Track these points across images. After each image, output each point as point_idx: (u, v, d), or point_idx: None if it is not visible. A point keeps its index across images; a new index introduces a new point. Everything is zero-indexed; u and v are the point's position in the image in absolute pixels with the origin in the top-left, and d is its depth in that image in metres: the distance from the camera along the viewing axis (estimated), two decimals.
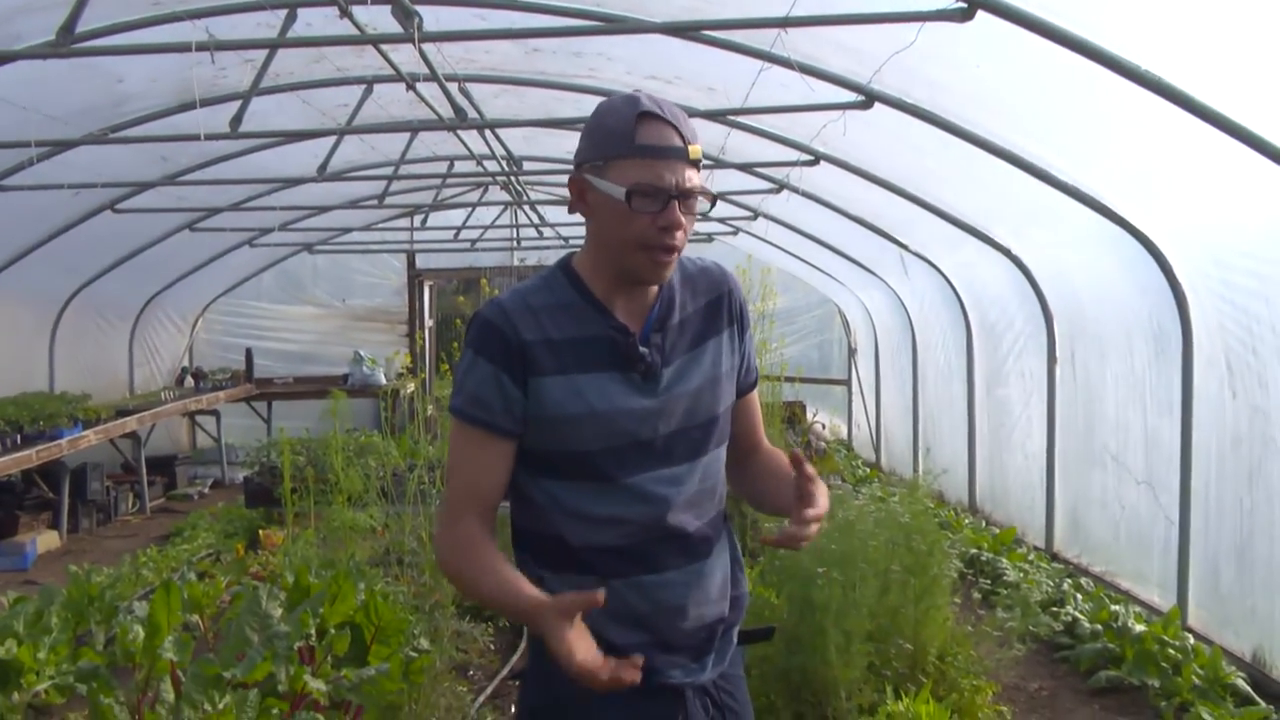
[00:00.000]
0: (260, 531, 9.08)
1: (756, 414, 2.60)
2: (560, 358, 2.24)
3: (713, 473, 2.39)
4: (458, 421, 2.30)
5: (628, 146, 2.14)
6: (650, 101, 2.17)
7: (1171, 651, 5.94)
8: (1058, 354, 8.33)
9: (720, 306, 2.41)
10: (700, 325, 2.36)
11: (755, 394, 2.59)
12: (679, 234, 2.17)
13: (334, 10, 5.53)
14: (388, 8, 5.31)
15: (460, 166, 10.88)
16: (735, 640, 2.47)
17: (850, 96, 6.66)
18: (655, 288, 2.32)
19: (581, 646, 2.04)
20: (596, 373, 2.25)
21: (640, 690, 2.25)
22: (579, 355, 2.25)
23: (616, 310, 2.28)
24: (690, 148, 2.15)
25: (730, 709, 2.43)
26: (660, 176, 2.13)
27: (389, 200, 12.00)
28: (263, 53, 6.62)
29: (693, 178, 2.16)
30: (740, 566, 2.51)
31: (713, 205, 2.26)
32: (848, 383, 14.87)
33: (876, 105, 6.59)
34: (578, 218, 2.31)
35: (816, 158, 8.35)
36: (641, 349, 2.26)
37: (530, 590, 2.16)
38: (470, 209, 13.90)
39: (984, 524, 9.49)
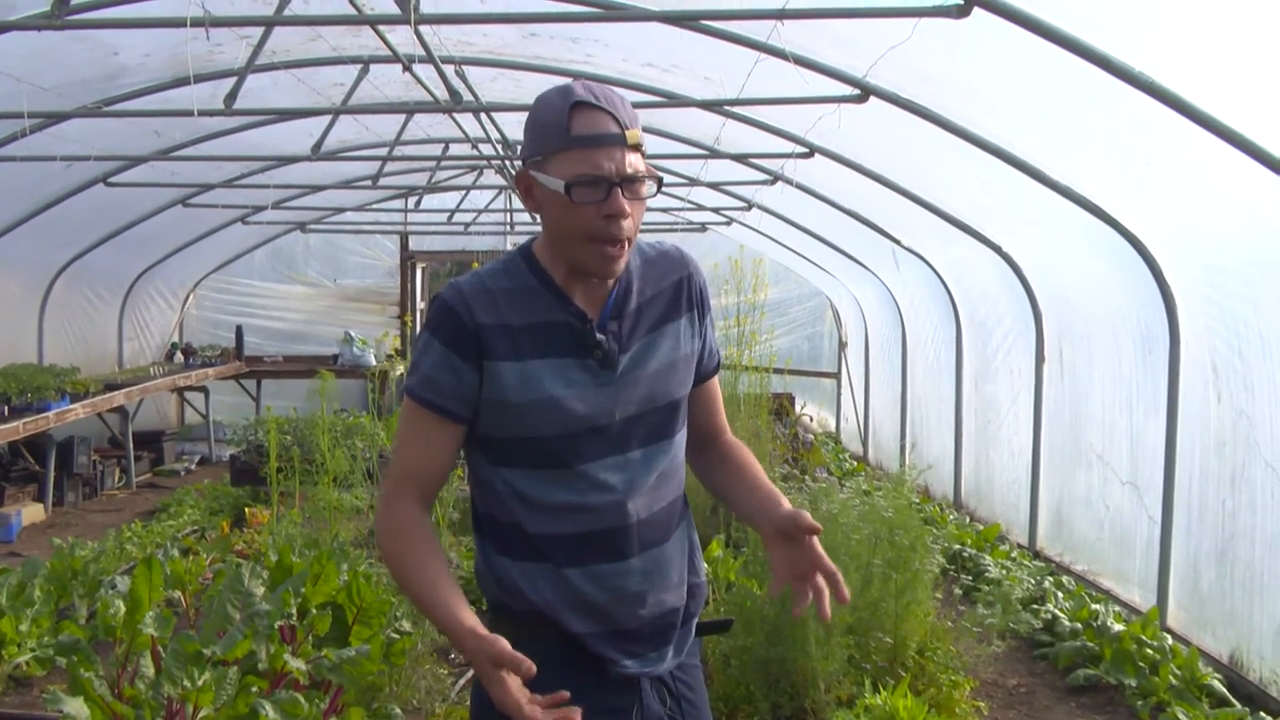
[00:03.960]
0: (246, 510, 9.09)
1: (717, 400, 2.58)
2: (516, 343, 2.23)
3: (672, 458, 2.37)
4: (409, 401, 2.30)
5: (564, 139, 2.12)
6: (584, 90, 2.14)
7: (1149, 651, 5.97)
8: (1046, 352, 8.35)
9: (680, 290, 2.39)
10: (659, 310, 2.35)
11: (715, 380, 2.58)
12: (625, 222, 2.14)
13: None
14: None
15: (455, 149, 10.87)
16: (694, 631, 2.46)
17: (846, 90, 6.66)
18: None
19: (522, 694, 2.03)
20: (553, 358, 2.24)
21: (597, 680, 2.26)
22: (535, 340, 2.24)
23: (575, 296, 2.27)
24: (628, 133, 2.13)
25: (686, 699, 2.42)
26: (599, 165, 2.10)
27: (383, 181, 11.98)
28: (258, 30, 6.61)
29: (634, 163, 2.14)
30: (698, 553, 2.50)
31: (659, 188, 2.21)
32: (837, 375, 14.89)
33: (872, 99, 6.60)
34: None
35: (811, 150, 8.36)
36: (599, 335, 2.26)
37: (467, 617, 2.12)
38: (464, 192, 13.89)
39: (968, 520, 9.52)
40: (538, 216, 2.26)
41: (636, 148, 2.14)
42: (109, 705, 3.34)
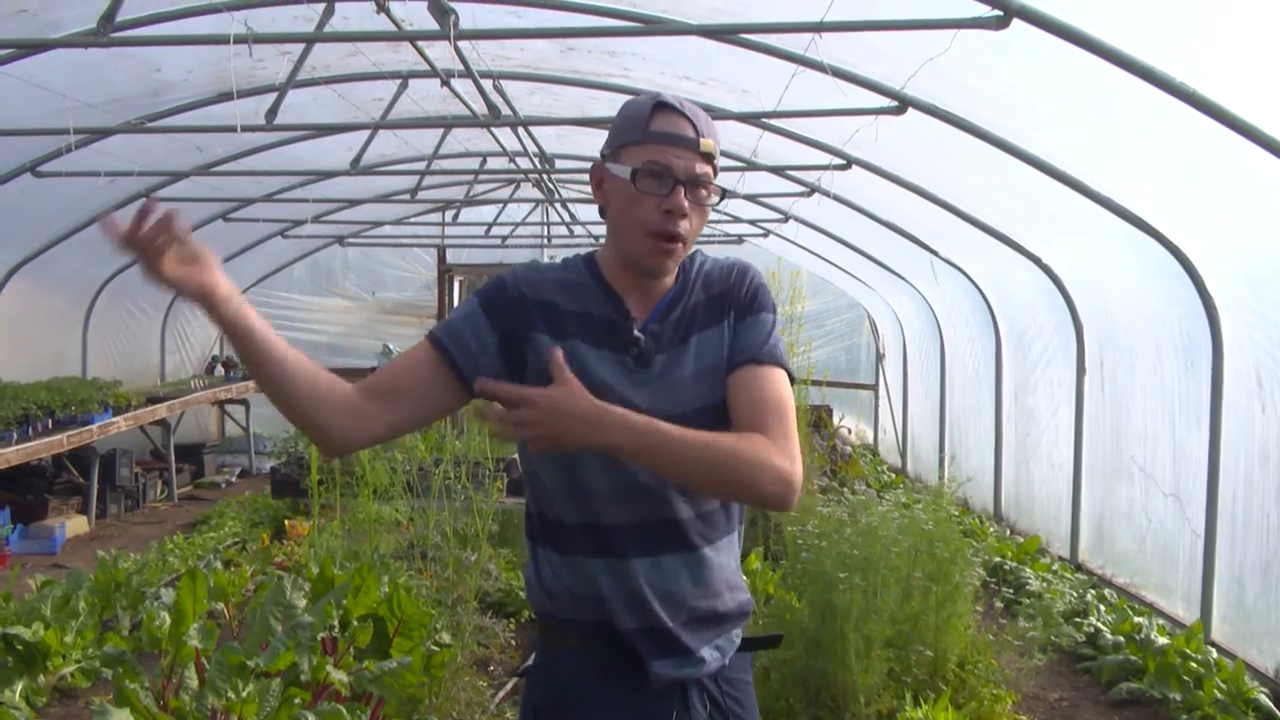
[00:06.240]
0: (286, 522, 9.12)
1: (751, 395, 2.27)
2: (559, 324, 2.27)
3: None
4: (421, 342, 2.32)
5: (641, 132, 2.21)
6: (672, 98, 2.24)
7: (1194, 665, 5.91)
8: (1087, 364, 8.29)
9: (725, 299, 2.36)
10: (700, 316, 2.34)
11: (757, 377, 2.28)
12: (683, 222, 2.20)
13: (371, 5, 5.56)
14: (424, 4, 5.34)
15: (493, 163, 10.93)
16: (738, 642, 2.41)
17: (883, 101, 6.65)
18: (670, 280, 2.33)
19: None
20: (592, 347, 2.27)
21: (640, 686, 2.26)
22: (579, 327, 2.28)
23: (628, 299, 2.30)
24: (702, 140, 2.20)
25: (735, 715, 2.38)
26: (668, 160, 2.18)
27: (421, 195, 12.05)
28: (299, 46, 6.67)
29: (703, 171, 2.21)
30: (739, 567, 2.46)
31: (721, 199, 2.27)
32: (875, 388, 14.85)
33: (910, 111, 6.58)
34: None
35: (848, 162, 8.35)
36: (638, 334, 2.28)
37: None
38: (502, 206, 13.96)
39: (1008, 533, 9.46)
40: (598, 217, 2.32)
41: (709, 158, 2.22)
42: (154, 716, 3.37)
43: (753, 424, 2.23)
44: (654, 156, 2.18)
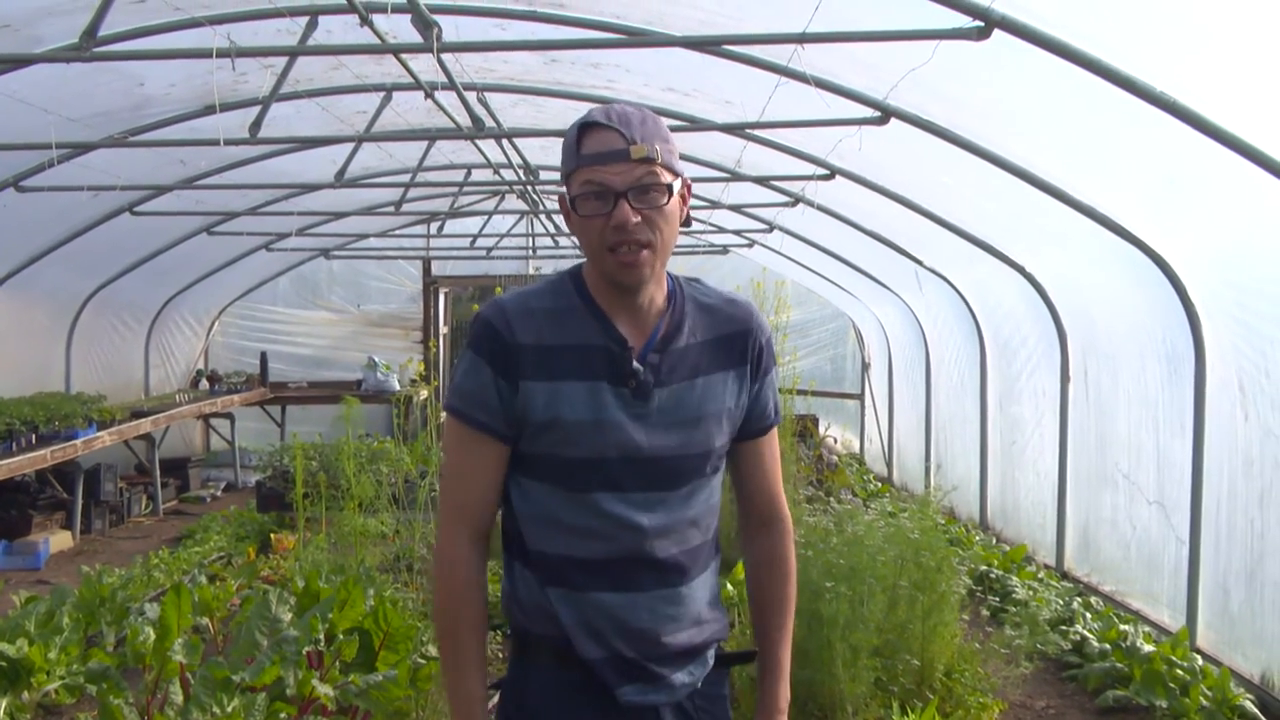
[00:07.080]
0: (272, 535, 9.11)
1: (765, 465, 2.49)
2: (551, 363, 2.24)
3: (696, 506, 2.33)
4: (452, 420, 2.30)
5: (575, 159, 2.20)
6: (600, 112, 2.21)
7: (1179, 672, 5.92)
8: (1071, 372, 8.32)
9: (736, 344, 2.35)
10: (708, 356, 2.32)
11: (767, 445, 2.48)
12: (641, 230, 2.17)
13: (354, 18, 5.56)
14: (408, 17, 5.34)
15: (477, 175, 10.93)
16: (711, 662, 2.41)
17: (867, 112, 6.67)
18: (660, 302, 2.30)
19: None
20: (587, 380, 2.24)
21: (607, 710, 2.27)
22: (572, 361, 2.24)
23: (619, 322, 2.27)
24: (633, 148, 2.16)
25: None
26: (600, 179, 2.16)
27: (406, 207, 12.05)
28: (283, 59, 6.66)
29: (645, 175, 2.16)
30: (718, 596, 2.46)
31: (669, 196, 2.20)
32: (860, 397, 14.86)
33: (893, 121, 6.61)
34: None
35: (832, 172, 8.37)
36: (636, 365, 2.25)
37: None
38: (486, 217, 13.96)
39: (994, 541, 9.47)
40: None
41: (648, 160, 2.17)
42: None
43: (765, 488, 2.50)
44: (589, 178, 2.17)
